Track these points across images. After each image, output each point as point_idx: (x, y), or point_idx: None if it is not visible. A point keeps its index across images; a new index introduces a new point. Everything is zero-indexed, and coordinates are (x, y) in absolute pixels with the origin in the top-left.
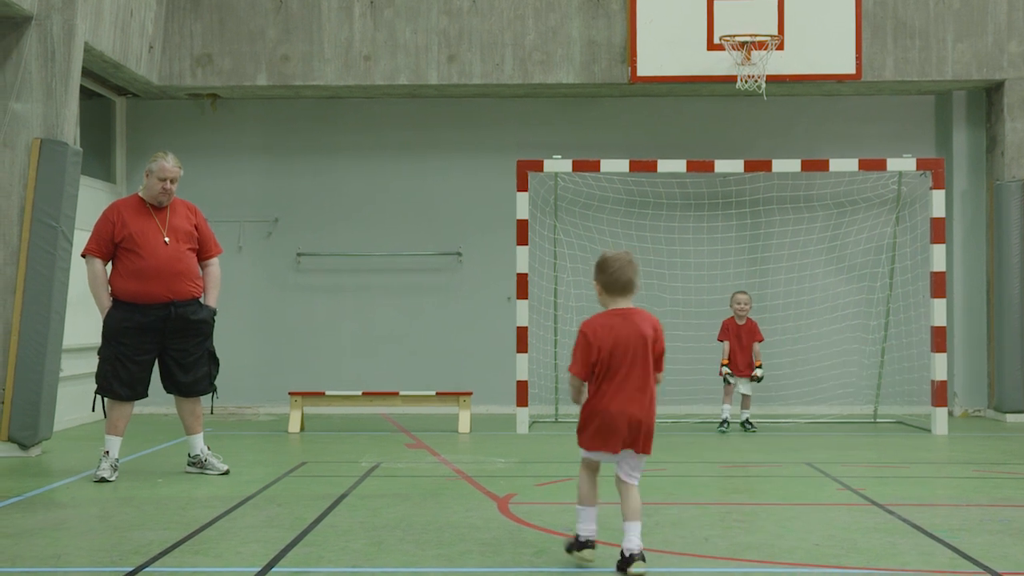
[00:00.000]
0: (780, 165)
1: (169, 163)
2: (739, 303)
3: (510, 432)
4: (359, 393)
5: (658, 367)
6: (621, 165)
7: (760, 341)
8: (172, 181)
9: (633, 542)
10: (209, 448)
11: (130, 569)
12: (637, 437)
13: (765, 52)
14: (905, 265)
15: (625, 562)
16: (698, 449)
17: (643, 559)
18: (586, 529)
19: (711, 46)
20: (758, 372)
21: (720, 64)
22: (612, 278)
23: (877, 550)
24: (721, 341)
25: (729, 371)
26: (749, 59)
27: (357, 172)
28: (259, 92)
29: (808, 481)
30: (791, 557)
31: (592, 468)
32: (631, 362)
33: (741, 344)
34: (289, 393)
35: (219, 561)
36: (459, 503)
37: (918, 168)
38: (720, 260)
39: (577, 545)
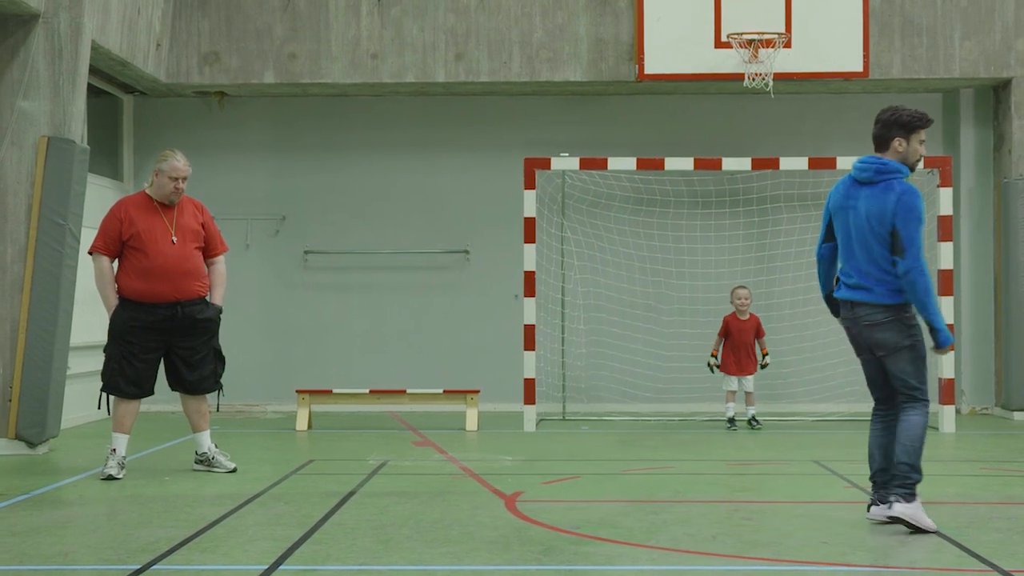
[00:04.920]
0: (788, 163)
1: (180, 162)
2: (739, 298)
3: (517, 430)
4: (366, 391)
5: None
6: (628, 163)
7: (762, 337)
8: (183, 180)
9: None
10: (216, 446)
11: (137, 567)
12: None
13: (772, 50)
14: None
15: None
16: (705, 447)
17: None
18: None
19: (718, 44)
20: (766, 359)
21: (727, 62)
22: None
23: (885, 548)
24: (721, 337)
25: (713, 359)
26: (756, 57)
27: (364, 170)
28: (266, 90)
29: (816, 479)
30: (799, 555)
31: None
32: None
33: (742, 340)
34: (296, 391)
35: (226, 559)
36: (466, 501)
37: (925, 166)
38: (728, 258)
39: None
